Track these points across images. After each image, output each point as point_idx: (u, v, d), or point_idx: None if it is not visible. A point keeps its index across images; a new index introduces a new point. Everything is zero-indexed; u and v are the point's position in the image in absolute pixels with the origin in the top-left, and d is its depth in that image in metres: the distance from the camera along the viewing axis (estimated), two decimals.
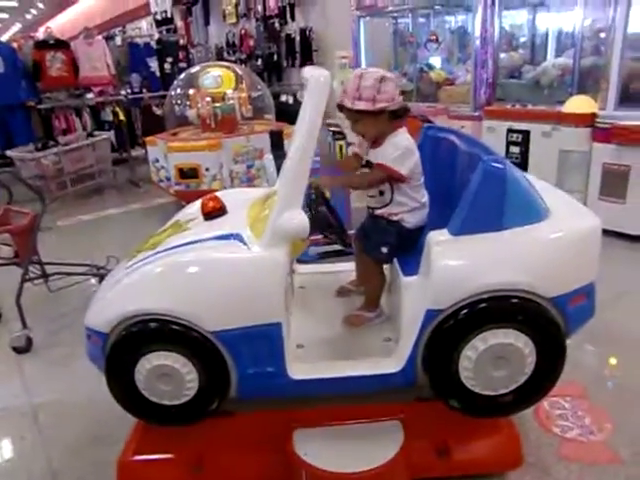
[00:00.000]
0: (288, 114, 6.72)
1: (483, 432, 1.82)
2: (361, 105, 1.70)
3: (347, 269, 2.27)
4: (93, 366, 1.77)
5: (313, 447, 1.68)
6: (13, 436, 2.27)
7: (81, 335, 1.77)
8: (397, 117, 1.77)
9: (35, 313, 3.18)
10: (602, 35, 4.39)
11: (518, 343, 1.55)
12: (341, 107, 1.77)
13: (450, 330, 1.56)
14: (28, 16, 22.54)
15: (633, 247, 3.82)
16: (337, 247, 3.54)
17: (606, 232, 3.75)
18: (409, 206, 1.84)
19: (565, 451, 1.96)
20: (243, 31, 10.11)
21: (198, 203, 1.96)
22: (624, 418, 2.11)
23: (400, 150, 1.76)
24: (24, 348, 2.90)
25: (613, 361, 2.51)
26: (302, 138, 1.55)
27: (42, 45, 6.99)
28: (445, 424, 1.79)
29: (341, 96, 1.75)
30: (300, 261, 2.47)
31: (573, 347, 2.57)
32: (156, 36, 9.00)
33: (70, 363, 2.74)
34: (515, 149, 4.55)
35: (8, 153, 6.04)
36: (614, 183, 3.90)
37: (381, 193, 1.86)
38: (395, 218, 1.86)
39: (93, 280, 3.59)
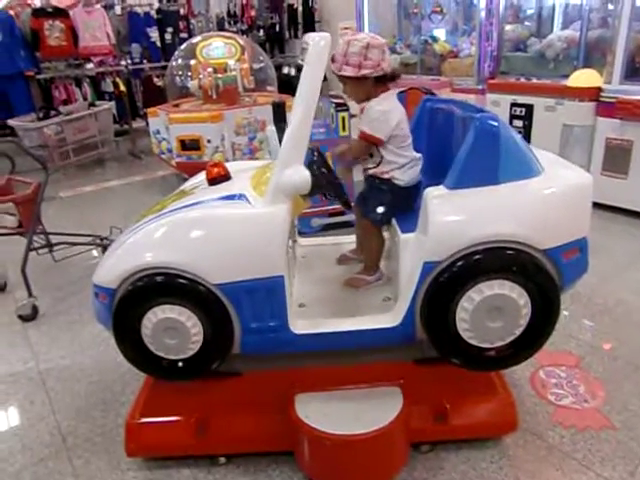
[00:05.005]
0: (290, 86, 6.65)
1: (480, 397, 1.87)
2: (347, 71, 1.76)
3: (348, 241, 2.31)
4: (99, 332, 1.82)
5: (314, 410, 1.72)
6: (22, 401, 2.32)
7: (86, 303, 1.81)
8: (383, 82, 1.83)
9: (40, 282, 3.23)
10: (610, 7, 4.31)
11: (512, 294, 1.57)
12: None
13: (447, 282, 1.58)
14: None
15: (634, 222, 3.84)
16: (340, 219, 3.63)
17: (608, 207, 3.85)
18: (399, 163, 1.91)
19: (559, 417, 2.02)
20: (244, 1, 9.89)
21: (202, 174, 1.99)
22: (617, 387, 2.16)
23: (374, 115, 1.82)
24: (30, 316, 2.95)
25: (609, 332, 2.55)
26: (303, 100, 1.57)
27: (40, 13, 6.80)
28: (443, 389, 1.84)
29: (331, 61, 1.79)
30: (302, 233, 2.49)
31: (570, 319, 2.65)
32: (156, 5, 8.78)
33: (76, 330, 2.79)
34: (518, 123, 4.51)
35: (10, 122, 5.97)
36: (617, 158, 3.88)
37: (371, 155, 1.94)
38: (387, 176, 1.93)
39: (95, 252, 3.65)
